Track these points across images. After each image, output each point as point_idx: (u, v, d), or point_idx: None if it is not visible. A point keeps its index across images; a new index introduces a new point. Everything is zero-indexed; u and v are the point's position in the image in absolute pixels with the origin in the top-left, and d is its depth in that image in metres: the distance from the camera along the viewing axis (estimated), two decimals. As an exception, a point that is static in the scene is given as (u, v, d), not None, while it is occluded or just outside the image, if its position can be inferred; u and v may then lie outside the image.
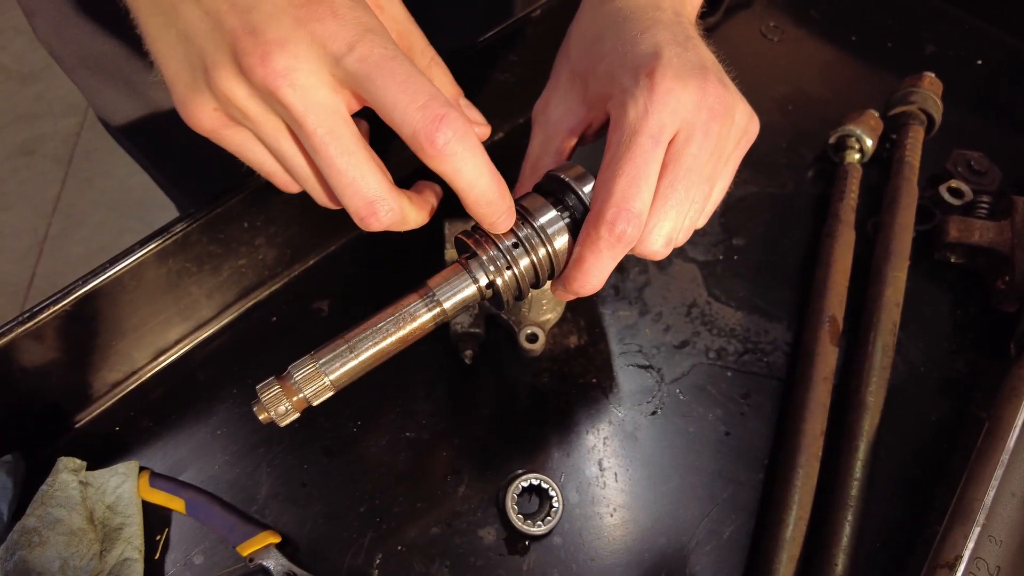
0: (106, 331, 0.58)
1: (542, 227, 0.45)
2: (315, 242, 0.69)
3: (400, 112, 0.38)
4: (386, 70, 0.37)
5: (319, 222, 0.68)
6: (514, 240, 0.45)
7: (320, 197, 0.45)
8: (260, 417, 0.43)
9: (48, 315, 0.52)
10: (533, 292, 0.61)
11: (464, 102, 0.53)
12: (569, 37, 0.53)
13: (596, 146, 0.50)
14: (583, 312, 0.67)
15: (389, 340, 0.44)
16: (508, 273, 0.45)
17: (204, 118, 0.41)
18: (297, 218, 0.65)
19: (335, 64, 0.38)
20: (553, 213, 0.45)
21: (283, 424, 0.44)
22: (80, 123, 2.26)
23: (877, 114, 0.77)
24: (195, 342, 0.65)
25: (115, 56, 0.68)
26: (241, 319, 0.66)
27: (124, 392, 0.62)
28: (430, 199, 0.49)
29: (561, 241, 0.46)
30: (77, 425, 0.60)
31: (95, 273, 0.54)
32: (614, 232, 0.42)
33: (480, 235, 0.46)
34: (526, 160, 0.53)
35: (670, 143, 0.43)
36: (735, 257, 0.71)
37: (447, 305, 0.45)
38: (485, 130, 0.51)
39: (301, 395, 0.42)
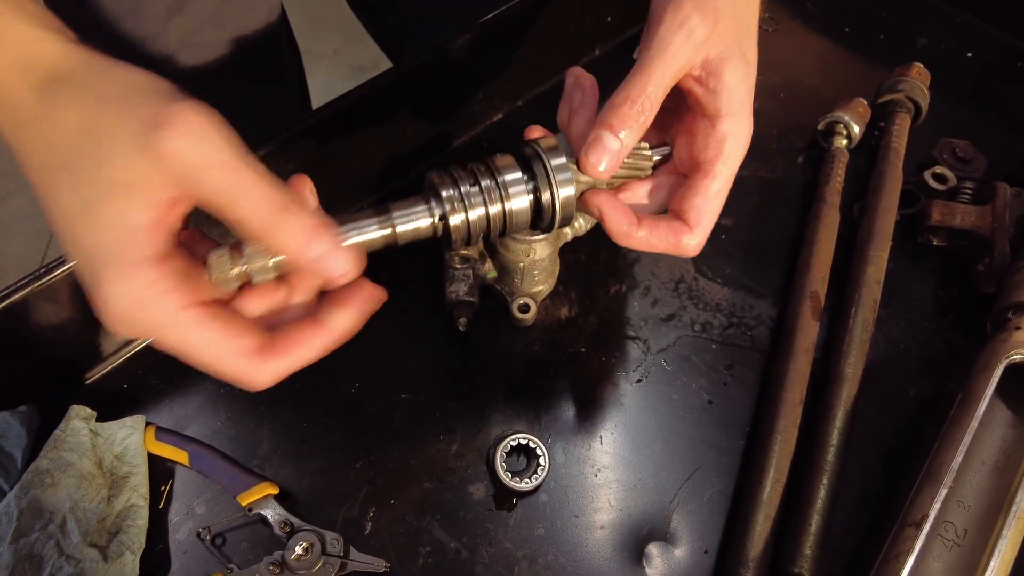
0: (117, 292, 0.61)
1: (504, 183, 0.48)
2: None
3: None
4: None
5: (321, 194, 0.70)
6: (476, 187, 0.47)
7: None
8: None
9: (61, 272, 0.55)
10: (525, 264, 0.64)
11: None
12: None
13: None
14: (574, 285, 0.69)
15: None
16: (462, 215, 0.47)
17: None
18: (301, 189, 0.67)
19: None
20: (517, 174, 0.48)
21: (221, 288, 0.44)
22: (92, 111, 2.30)
23: (866, 102, 0.80)
24: (201, 306, 0.67)
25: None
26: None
27: (133, 351, 0.64)
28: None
29: (518, 203, 0.48)
30: (88, 381, 0.63)
31: (108, 233, 0.56)
32: (692, 252, 0.50)
33: (448, 176, 0.48)
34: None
35: None
36: (723, 236, 0.74)
37: (400, 229, 0.46)
38: None
39: (244, 267, 0.42)
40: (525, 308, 0.65)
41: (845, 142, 0.78)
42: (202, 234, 0.46)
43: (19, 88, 0.37)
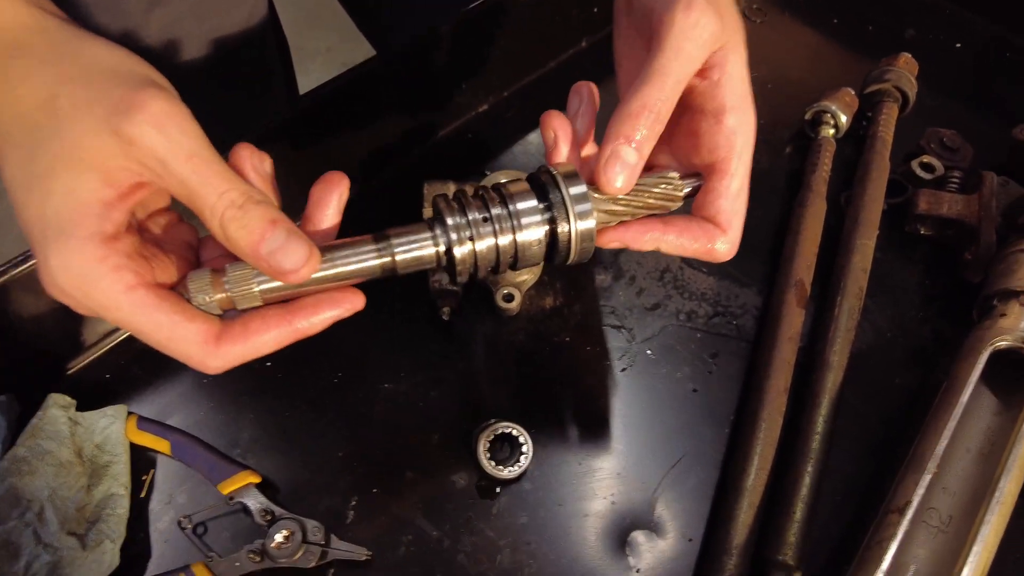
0: (98, 281, 0.60)
1: (516, 212, 0.44)
2: (301, 202, 0.71)
3: None
4: None
5: (305, 182, 0.70)
6: (485, 216, 0.44)
7: None
8: None
9: (42, 260, 0.55)
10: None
11: None
12: None
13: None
14: (559, 275, 0.69)
15: (328, 273, 0.42)
16: (468, 246, 0.44)
17: None
18: (283, 177, 0.67)
19: None
20: (532, 203, 0.44)
21: None
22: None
23: (853, 92, 0.80)
24: (185, 296, 0.67)
25: None
26: (229, 276, 0.68)
27: (115, 341, 0.64)
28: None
29: (531, 235, 0.44)
30: (69, 371, 0.63)
31: (88, 221, 0.56)
32: (724, 256, 0.49)
33: (456, 202, 0.45)
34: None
35: None
36: (710, 226, 0.73)
37: (400, 258, 0.43)
38: None
39: (227, 294, 0.41)
40: (509, 297, 0.65)
41: (832, 132, 0.78)
42: (179, 218, 0.46)
43: None
